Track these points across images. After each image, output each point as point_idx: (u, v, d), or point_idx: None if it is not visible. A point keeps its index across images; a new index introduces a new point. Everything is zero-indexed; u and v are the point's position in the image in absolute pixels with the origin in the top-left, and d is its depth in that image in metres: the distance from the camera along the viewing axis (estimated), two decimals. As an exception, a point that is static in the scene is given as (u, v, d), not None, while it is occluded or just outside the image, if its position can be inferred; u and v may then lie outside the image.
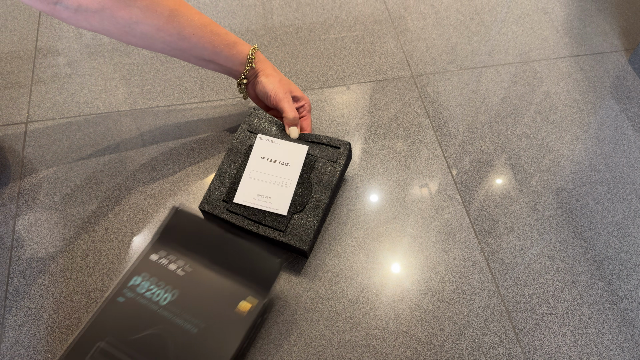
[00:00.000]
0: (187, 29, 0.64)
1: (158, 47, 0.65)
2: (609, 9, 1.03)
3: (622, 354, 0.65)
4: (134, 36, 0.62)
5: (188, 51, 0.66)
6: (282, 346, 0.62)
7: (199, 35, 0.65)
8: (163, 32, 0.63)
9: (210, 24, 0.67)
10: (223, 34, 0.68)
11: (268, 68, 0.73)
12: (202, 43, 0.66)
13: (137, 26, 0.61)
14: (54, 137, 0.78)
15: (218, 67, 0.71)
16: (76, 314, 0.63)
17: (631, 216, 0.76)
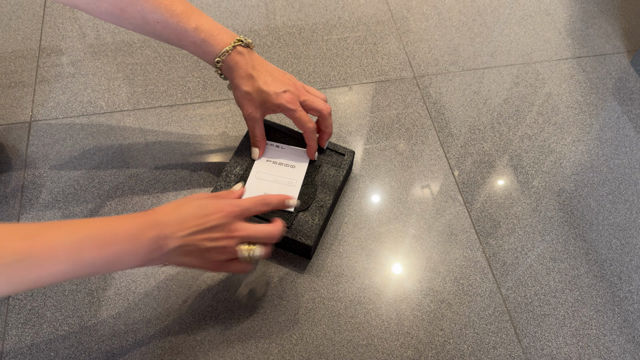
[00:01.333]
0: (152, 15, 0.59)
1: (128, 27, 0.62)
2: (611, 11, 1.03)
3: (623, 355, 0.65)
4: (101, 13, 0.60)
5: (156, 36, 0.62)
6: (284, 346, 0.63)
7: (163, 25, 0.60)
8: (127, 14, 0.59)
9: (180, 14, 0.60)
10: (191, 30, 0.61)
11: (236, 78, 0.63)
12: (166, 33, 0.61)
13: (101, 4, 0.59)
14: (57, 137, 0.78)
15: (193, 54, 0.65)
16: (79, 313, 0.63)
17: (633, 217, 0.76)
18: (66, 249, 0.45)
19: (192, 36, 0.61)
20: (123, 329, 0.62)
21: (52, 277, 0.45)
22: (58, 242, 0.45)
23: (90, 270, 0.47)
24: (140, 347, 0.61)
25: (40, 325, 0.62)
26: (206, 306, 0.65)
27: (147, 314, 0.64)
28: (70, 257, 0.45)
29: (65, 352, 0.61)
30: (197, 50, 0.63)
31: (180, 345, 0.62)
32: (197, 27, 0.61)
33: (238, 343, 0.62)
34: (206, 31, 0.62)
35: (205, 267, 0.56)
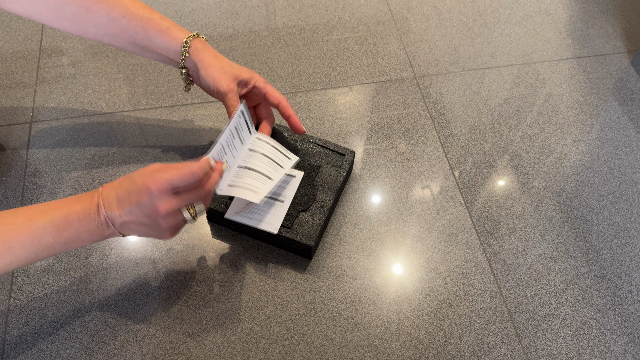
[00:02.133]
0: (116, 10, 0.61)
1: (91, 32, 0.63)
2: (611, 11, 1.03)
3: (624, 355, 0.65)
4: (66, 19, 0.61)
5: (120, 36, 0.63)
6: (284, 346, 0.63)
7: (128, 17, 0.62)
8: (92, 12, 0.61)
9: (142, 8, 0.63)
10: (157, 18, 0.63)
11: (207, 57, 0.64)
12: (132, 26, 0.62)
13: (67, 7, 0.60)
14: (58, 137, 0.78)
15: (156, 56, 0.66)
16: (80, 313, 0.63)
17: (633, 218, 0.76)
18: (24, 239, 0.50)
19: (158, 24, 0.63)
20: (124, 330, 0.62)
21: (14, 264, 0.50)
22: (15, 233, 0.49)
23: (49, 252, 0.52)
24: (141, 348, 0.61)
25: (41, 325, 0.62)
26: (207, 307, 0.65)
27: (148, 314, 0.64)
28: (28, 245, 0.50)
29: (66, 352, 0.61)
30: (163, 37, 0.63)
31: (181, 346, 0.62)
32: (161, 17, 0.64)
33: (239, 343, 0.62)
34: (170, 22, 0.64)
35: (158, 237, 0.56)
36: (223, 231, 0.71)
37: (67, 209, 0.52)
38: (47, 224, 0.50)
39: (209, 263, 0.68)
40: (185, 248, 0.69)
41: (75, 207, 0.52)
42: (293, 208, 0.67)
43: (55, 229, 0.51)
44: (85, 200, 0.53)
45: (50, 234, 0.51)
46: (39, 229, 0.50)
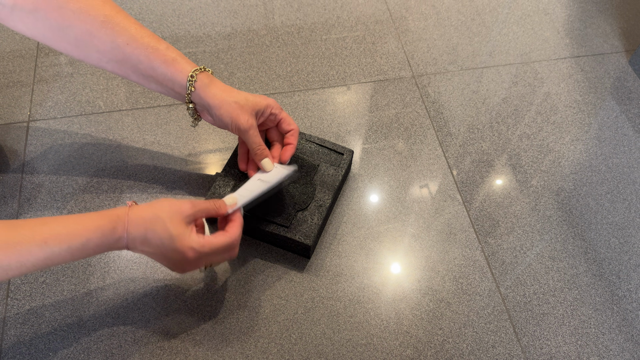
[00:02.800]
0: (121, 37, 0.58)
1: (94, 57, 0.60)
2: (609, 10, 1.03)
3: (622, 354, 0.65)
4: (69, 42, 0.59)
5: (124, 63, 0.60)
6: (283, 345, 0.63)
7: (133, 45, 0.59)
8: (96, 38, 0.58)
9: (148, 36, 0.60)
10: (163, 48, 0.60)
11: (218, 93, 0.60)
12: (136, 55, 0.59)
13: (70, 30, 0.58)
14: (55, 136, 0.78)
15: (161, 88, 0.62)
16: (78, 313, 0.63)
17: (631, 217, 0.76)
18: (37, 261, 0.49)
19: (164, 54, 0.60)
20: (122, 329, 0.62)
21: (24, 274, 0.52)
22: (29, 255, 0.49)
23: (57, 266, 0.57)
24: (139, 347, 0.61)
25: (39, 325, 0.62)
26: (205, 306, 0.65)
27: (146, 313, 0.64)
28: (41, 265, 0.50)
29: (64, 352, 0.61)
30: (168, 68, 0.60)
31: (179, 345, 0.62)
32: (168, 47, 0.60)
33: (237, 343, 0.62)
34: (176, 52, 0.61)
35: (170, 269, 0.59)
36: (221, 230, 0.71)
37: (86, 239, 0.51)
38: (63, 251, 0.50)
39: (208, 262, 0.68)
40: (183, 247, 0.69)
41: (95, 236, 0.52)
42: (292, 207, 0.67)
43: (69, 255, 0.51)
44: (106, 229, 0.52)
45: (63, 257, 0.51)
46: (53, 255, 0.50)
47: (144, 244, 0.54)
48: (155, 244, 0.54)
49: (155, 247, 0.54)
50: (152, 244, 0.54)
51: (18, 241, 0.49)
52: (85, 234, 0.51)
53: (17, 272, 0.49)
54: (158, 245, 0.54)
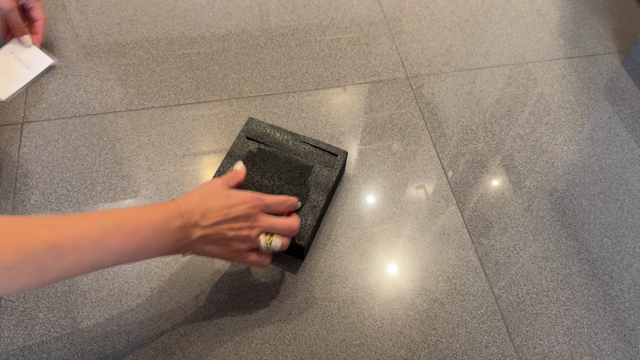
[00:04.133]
0: None
1: None
2: (602, 12, 1.04)
3: (615, 353, 0.65)
4: None
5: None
6: (276, 346, 0.63)
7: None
8: None
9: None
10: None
11: None
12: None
13: None
14: (49, 138, 0.78)
15: None
16: (71, 314, 0.63)
17: (624, 217, 0.76)
18: (91, 239, 0.46)
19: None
20: (116, 330, 0.62)
21: (80, 267, 0.46)
22: (83, 232, 0.46)
23: (116, 260, 0.48)
24: (133, 349, 0.61)
25: (32, 326, 0.62)
26: (199, 307, 0.65)
27: (140, 315, 0.64)
28: (96, 247, 0.46)
29: (58, 353, 0.61)
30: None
31: (173, 347, 0.62)
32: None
33: (231, 344, 0.62)
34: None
35: (226, 257, 0.57)
36: (215, 231, 0.71)
37: (139, 215, 0.50)
38: (117, 226, 0.48)
39: (201, 263, 0.68)
40: (177, 248, 0.69)
41: (148, 213, 0.50)
42: None
43: (124, 233, 0.48)
44: (158, 208, 0.51)
45: (119, 238, 0.48)
46: (107, 231, 0.47)
47: (204, 216, 0.53)
48: (214, 207, 0.53)
49: (215, 211, 0.53)
50: (212, 210, 0.53)
51: (71, 219, 0.46)
52: (137, 211, 0.50)
53: (74, 259, 0.45)
54: (217, 207, 0.54)
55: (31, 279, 0.43)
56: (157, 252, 0.51)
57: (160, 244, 0.51)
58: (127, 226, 0.48)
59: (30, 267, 0.43)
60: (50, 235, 0.44)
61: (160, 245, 0.51)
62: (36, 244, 0.43)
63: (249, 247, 0.57)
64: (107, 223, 0.48)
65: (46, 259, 0.44)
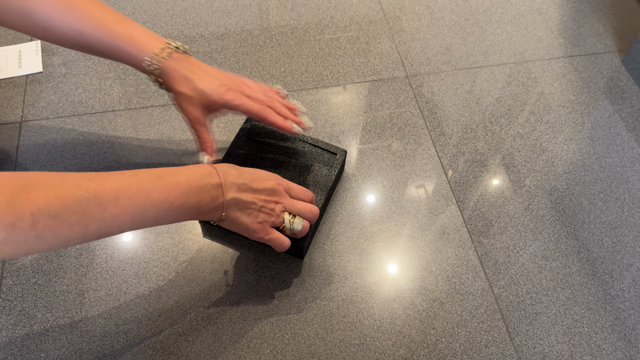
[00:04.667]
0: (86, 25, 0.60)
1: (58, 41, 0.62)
2: (602, 10, 1.03)
3: (615, 352, 0.65)
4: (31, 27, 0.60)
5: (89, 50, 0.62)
6: (275, 345, 0.62)
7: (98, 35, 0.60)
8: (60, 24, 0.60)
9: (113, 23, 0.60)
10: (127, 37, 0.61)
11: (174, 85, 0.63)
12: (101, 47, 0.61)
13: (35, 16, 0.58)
14: (48, 137, 0.78)
15: None
16: (70, 314, 0.63)
17: (624, 216, 0.76)
18: (132, 191, 0.47)
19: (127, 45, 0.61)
20: (114, 330, 0.62)
21: (121, 219, 0.47)
22: (123, 184, 0.47)
23: (155, 214, 0.49)
24: (131, 348, 0.61)
25: (30, 326, 0.62)
26: (198, 306, 0.64)
27: (139, 314, 0.63)
28: (136, 198, 0.47)
29: (56, 353, 0.60)
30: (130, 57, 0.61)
31: (172, 346, 0.62)
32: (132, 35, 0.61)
33: (230, 343, 0.62)
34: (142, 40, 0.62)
35: (252, 228, 0.58)
36: (214, 231, 0.70)
37: (176, 171, 0.52)
38: (154, 179, 0.49)
39: (200, 263, 0.68)
40: (176, 248, 0.69)
41: (185, 170, 0.52)
42: None
43: (163, 186, 0.49)
44: (194, 167, 0.54)
45: (157, 190, 0.49)
46: (147, 183, 0.48)
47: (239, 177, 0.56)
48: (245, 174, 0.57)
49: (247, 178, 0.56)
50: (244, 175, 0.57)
51: (110, 174, 0.47)
52: (173, 169, 0.52)
53: (116, 210, 0.46)
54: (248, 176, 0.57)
55: (74, 229, 0.43)
56: (194, 210, 0.52)
57: (198, 200, 0.52)
58: (165, 180, 0.50)
59: (74, 216, 0.43)
60: (91, 185, 0.45)
61: (198, 201, 0.52)
62: (78, 192, 0.44)
63: (273, 223, 0.59)
64: (145, 177, 0.49)
65: (88, 208, 0.44)
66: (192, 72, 0.63)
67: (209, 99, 0.63)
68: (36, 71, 0.84)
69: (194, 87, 0.62)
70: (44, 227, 0.41)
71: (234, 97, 0.64)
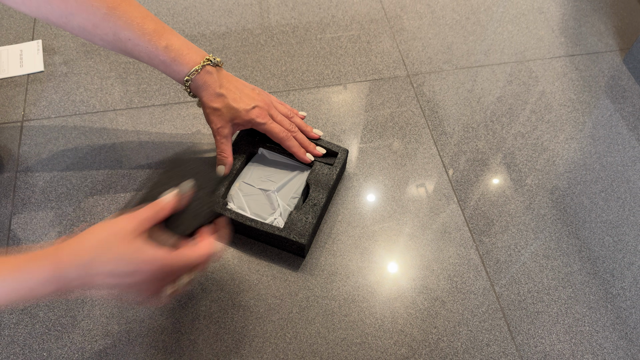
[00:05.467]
0: (124, 32, 0.60)
1: (99, 43, 0.62)
2: (604, 9, 1.03)
3: (616, 351, 0.65)
4: (73, 28, 0.60)
5: (129, 54, 0.63)
6: (277, 344, 0.63)
7: (135, 42, 0.61)
8: (99, 29, 0.60)
9: (151, 33, 0.61)
10: (162, 48, 0.61)
11: (206, 96, 0.64)
12: (137, 51, 0.61)
13: (74, 18, 0.59)
14: (49, 136, 0.78)
15: None
16: (71, 313, 0.63)
17: (625, 215, 0.76)
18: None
19: (162, 55, 0.62)
20: (116, 329, 0.62)
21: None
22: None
23: None
24: (133, 347, 0.61)
25: (32, 325, 0.62)
26: (199, 305, 0.65)
27: (141, 313, 0.63)
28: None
29: (58, 352, 0.60)
30: (166, 69, 0.63)
31: (174, 345, 0.62)
32: (167, 46, 0.62)
33: (232, 342, 0.62)
34: (176, 50, 0.62)
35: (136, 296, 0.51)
36: (216, 230, 0.71)
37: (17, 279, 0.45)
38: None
39: (202, 262, 0.68)
40: (178, 247, 0.69)
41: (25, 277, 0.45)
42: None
43: None
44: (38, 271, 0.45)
45: None
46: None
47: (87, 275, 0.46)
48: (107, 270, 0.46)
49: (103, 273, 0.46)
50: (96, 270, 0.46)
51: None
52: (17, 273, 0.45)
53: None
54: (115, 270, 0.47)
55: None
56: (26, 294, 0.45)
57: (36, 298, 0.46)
58: None
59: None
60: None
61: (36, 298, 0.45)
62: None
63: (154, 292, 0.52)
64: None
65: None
66: (223, 87, 0.65)
67: (236, 115, 0.65)
68: (37, 70, 0.84)
69: (224, 103, 0.65)
70: None
71: (259, 115, 0.66)
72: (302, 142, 0.71)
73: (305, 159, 0.70)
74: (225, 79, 0.66)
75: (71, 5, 0.58)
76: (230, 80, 0.66)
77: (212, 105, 0.65)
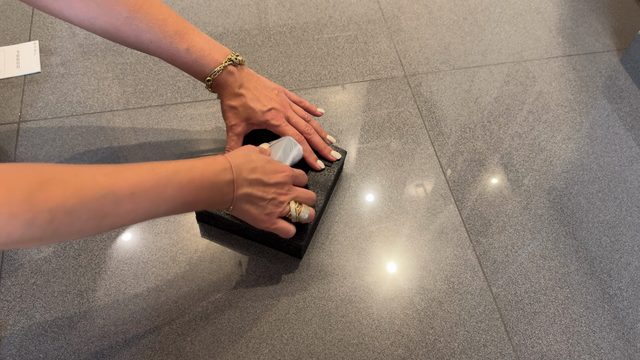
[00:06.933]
0: (146, 35, 0.61)
1: (123, 44, 0.63)
2: (601, 9, 1.03)
3: (613, 352, 0.65)
4: (96, 30, 0.61)
5: (152, 54, 0.64)
6: (274, 345, 0.62)
7: (156, 44, 0.62)
8: (122, 32, 0.61)
9: (173, 35, 0.62)
10: (183, 50, 0.62)
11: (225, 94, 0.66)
12: (159, 53, 0.63)
13: (96, 22, 0.60)
14: (46, 137, 0.78)
15: None
16: (68, 314, 0.63)
17: (622, 215, 0.76)
18: (147, 187, 0.48)
19: (184, 57, 0.63)
20: (113, 330, 0.62)
21: (135, 214, 0.48)
22: (139, 180, 0.48)
23: (168, 208, 0.51)
24: (130, 348, 0.61)
25: (29, 326, 0.62)
26: (196, 306, 0.64)
27: (137, 314, 0.63)
28: (151, 194, 0.49)
29: (55, 353, 0.60)
30: (189, 70, 0.65)
31: (171, 346, 0.62)
32: (189, 47, 0.63)
33: (229, 343, 0.62)
34: (198, 51, 0.63)
35: (259, 218, 0.59)
36: (213, 230, 0.70)
37: (191, 166, 0.52)
38: (170, 175, 0.50)
39: (198, 263, 0.68)
40: (174, 248, 0.69)
41: (200, 165, 0.53)
42: None
43: (178, 182, 0.50)
44: (209, 161, 0.54)
45: (172, 186, 0.50)
46: (162, 179, 0.49)
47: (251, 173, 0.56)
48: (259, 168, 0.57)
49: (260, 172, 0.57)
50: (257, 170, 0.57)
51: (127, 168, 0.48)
52: (189, 162, 0.52)
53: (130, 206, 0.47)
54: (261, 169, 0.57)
55: (89, 223, 0.45)
56: (204, 204, 0.54)
57: (209, 195, 0.53)
58: (181, 175, 0.51)
59: (89, 212, 0.44)
60: (107, 181, 0.45)
61: (209, 196, 0.54)
62: (94, 188, 0.44)
63: (280, 213, 0.60)
64: (161, 172, 0.49)
65: (104, 205, 0.45)
66: (243, 87, 0.66)
67: (252, 114, 0.66)
68: (34, 71, 0.84)
69: (242, 102, 0.65)
70: (60, 222, 0.42)
71: (274, 117, 0.67)
72: (317, 145, 0.70)
73: (316, 166, 0.70)
74: (246, 78, 0.66)
75: (93, 10, 0.59)
76: (250, 79, 0.66)
77: (230, 103, 0.66)
